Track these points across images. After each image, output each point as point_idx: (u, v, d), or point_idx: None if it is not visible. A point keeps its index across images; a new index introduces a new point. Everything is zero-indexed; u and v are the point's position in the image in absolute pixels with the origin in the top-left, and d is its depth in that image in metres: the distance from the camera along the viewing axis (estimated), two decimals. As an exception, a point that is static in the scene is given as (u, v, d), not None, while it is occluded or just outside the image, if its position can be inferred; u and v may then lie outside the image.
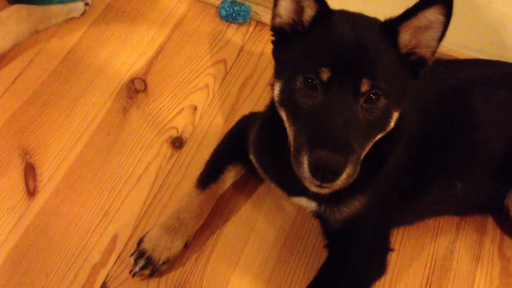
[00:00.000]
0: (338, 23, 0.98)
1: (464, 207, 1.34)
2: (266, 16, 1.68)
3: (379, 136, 1.00)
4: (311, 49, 0.98)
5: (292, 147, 0.98)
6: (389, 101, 0.96)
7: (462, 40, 1.50)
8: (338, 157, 0.89)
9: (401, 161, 1.15)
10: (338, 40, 0.96)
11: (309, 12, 0.99)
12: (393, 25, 0.97)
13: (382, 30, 0.97)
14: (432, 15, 0.93)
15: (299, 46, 1.00)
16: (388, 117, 0.98)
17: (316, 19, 0.99)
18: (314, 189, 0.95)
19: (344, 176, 0.90)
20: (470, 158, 1.24)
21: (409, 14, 0.95)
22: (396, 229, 1.32)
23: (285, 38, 1.04)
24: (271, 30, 1.06)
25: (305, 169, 0.92)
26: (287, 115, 1.01)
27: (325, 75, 0.93)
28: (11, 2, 1.58)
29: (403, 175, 1.18)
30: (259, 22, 1.71)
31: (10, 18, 1.51)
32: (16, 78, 1.53)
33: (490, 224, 1.37)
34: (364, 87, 0.92)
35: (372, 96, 0.94)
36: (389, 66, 0.96)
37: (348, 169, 0.90)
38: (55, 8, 1.62)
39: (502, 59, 1.41)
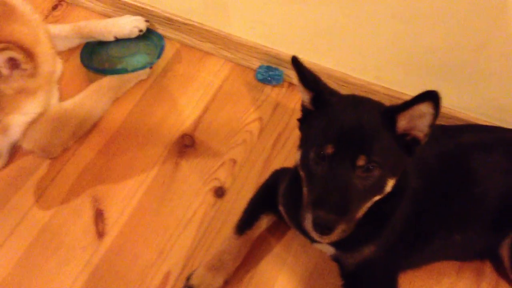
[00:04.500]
0: (342, 106, 1.21)
1: (464, 255, 1.54)
2: (296, 79, 1.91)
3: (377, 197, 1.21)
4: (322, 127, 1.21)
5: (303, 204, 1.22)
6: (383, 171, 1.16)
7: (465, 104, 1.70)
8: (332, 217, 1.13)
9: (406, 216, 1.36)
10: (343, 121, 1.18)
11: (306, 97, 1.25)
12: (392, 112, 1.17)
13: (382, 115, 1.17)
14: (424, 108, 1.12)
15: (314, 123, 1.24)
16: (383, 183, 1.19)
17: (315, 101, 1.23)
18: (316, 238, 1.19)
19: (338, 230, 1.14)
20: (467, 213, 1.43)
21: (406, 106, 1.14)
22: (404, 272, 1.52)
23: (306, 116, 1.29)
24: (301, 110, 1.30)
25: (309, 223, 1.17)
26: (304, 177, 1.24)
27: (330, 150, 1.16)
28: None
29: (408, 227, 1.38)
30: (290, 84, 1.97)
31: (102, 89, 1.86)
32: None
33: (488, 268, 1.55)
34: (360, 162, 1.14)
35: (368, 167, 1.15)
36: (385, 144, 1.17)
37: (342, 225, 1.14)
38: (128, 75, 1.93)
39: (501, 122, 1.61)
